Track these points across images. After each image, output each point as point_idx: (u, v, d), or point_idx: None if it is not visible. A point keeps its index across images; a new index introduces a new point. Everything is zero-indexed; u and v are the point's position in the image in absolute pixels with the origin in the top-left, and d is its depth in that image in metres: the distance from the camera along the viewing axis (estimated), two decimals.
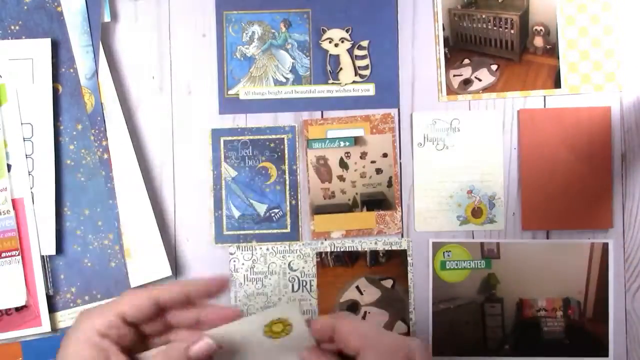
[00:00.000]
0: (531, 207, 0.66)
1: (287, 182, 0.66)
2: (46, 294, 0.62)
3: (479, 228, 0.66)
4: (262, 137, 0.66)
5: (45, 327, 0.61)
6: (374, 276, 0.66)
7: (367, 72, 0.67)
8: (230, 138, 0.66)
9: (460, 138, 0.66)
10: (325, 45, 0.67)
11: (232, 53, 0.66)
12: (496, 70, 0.67)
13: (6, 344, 0.62)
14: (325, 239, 0.67)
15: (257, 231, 0.66)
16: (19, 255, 0.61)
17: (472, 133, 0.66)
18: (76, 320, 0.44)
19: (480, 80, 0.67)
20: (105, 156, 0.64)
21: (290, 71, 0.67)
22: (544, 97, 0.67)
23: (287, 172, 0.66)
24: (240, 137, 0.66)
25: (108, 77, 0.64)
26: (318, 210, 0.66)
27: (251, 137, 0.66)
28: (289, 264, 0.66)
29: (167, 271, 0.64)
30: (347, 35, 0.66)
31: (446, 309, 0.66)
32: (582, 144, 0.66)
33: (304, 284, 0.66)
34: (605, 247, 0.66)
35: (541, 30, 0.67)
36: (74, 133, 0.63)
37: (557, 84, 0.66)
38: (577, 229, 0.66)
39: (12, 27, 0.63)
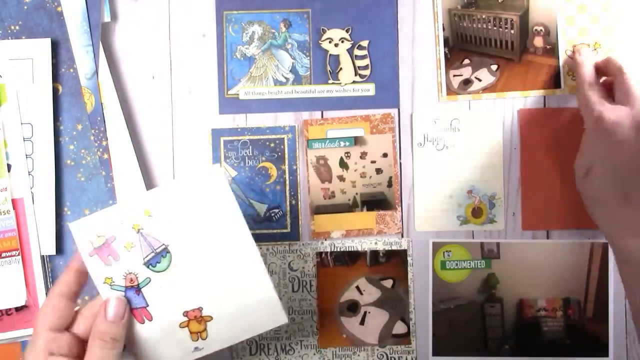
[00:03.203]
0: (531, 207, 0.66)
1: (287, 182, 0.66)
2: (46, 294, 0.62)
3: (479, 228, 0.66)
4: (262, 137, 0.66)
5: None
6: (374, 276, 0.66)
7: (367, 72, 0.67)
8: (230, 138, 0.66)
9: (460, 138, 0.66)
10: (325, 45, 0.67)
11: (232, 53, 0.66)
12: (496, 70, 0.67)
13: (6, 344, 0.62)
14: (325, 239, 0.66)
15: (257, 231, 0.66)
16: (19, 255, 0.61)
17: (472, 133, 0.66)
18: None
19: (480, 80, 0.67)
20: (105, 156, 0.64)
21: (290, 71, 0.67)
22: (544, 97, 0.67)
23: (287, 172, 0.66)
24: (240, 137, 0.66)
25: (108, 77, 0.64)
26: (318, 210, 0.66)
27: (251, 137, 0.66)
28: (289, 264, 0.66)
29: None
30: (347, 35, 0.66)
31: (446, 309, 0.66)
32: None
33: (304, 284, 0.66)
34: (605, 247, 0.66)
35: (541, 30, 0.67)
36: (74, 133, 0.63)
37: (557, 84, 0.66)
38: (577, 229, 0.66)
39: (12, 27, 0.63)
